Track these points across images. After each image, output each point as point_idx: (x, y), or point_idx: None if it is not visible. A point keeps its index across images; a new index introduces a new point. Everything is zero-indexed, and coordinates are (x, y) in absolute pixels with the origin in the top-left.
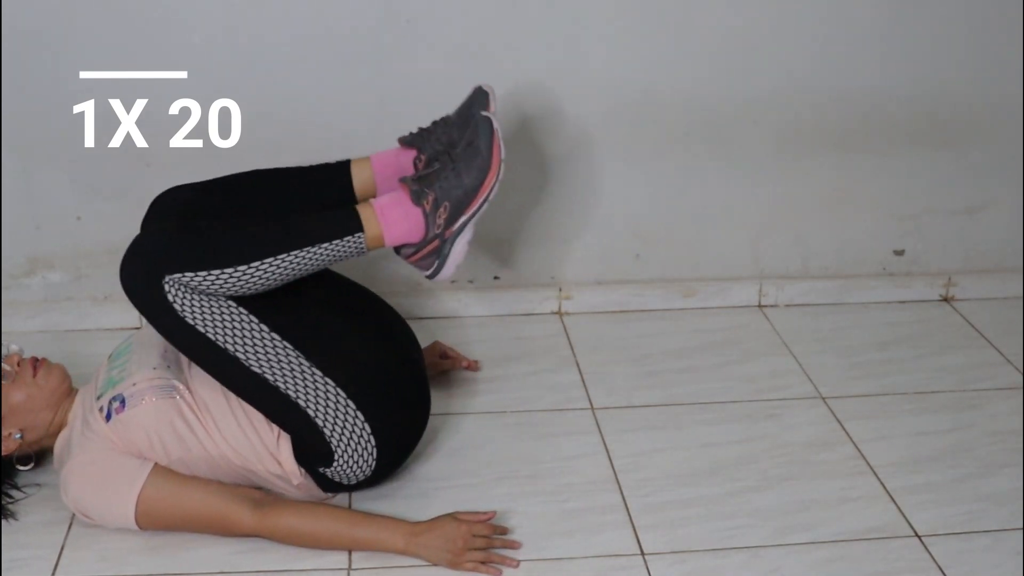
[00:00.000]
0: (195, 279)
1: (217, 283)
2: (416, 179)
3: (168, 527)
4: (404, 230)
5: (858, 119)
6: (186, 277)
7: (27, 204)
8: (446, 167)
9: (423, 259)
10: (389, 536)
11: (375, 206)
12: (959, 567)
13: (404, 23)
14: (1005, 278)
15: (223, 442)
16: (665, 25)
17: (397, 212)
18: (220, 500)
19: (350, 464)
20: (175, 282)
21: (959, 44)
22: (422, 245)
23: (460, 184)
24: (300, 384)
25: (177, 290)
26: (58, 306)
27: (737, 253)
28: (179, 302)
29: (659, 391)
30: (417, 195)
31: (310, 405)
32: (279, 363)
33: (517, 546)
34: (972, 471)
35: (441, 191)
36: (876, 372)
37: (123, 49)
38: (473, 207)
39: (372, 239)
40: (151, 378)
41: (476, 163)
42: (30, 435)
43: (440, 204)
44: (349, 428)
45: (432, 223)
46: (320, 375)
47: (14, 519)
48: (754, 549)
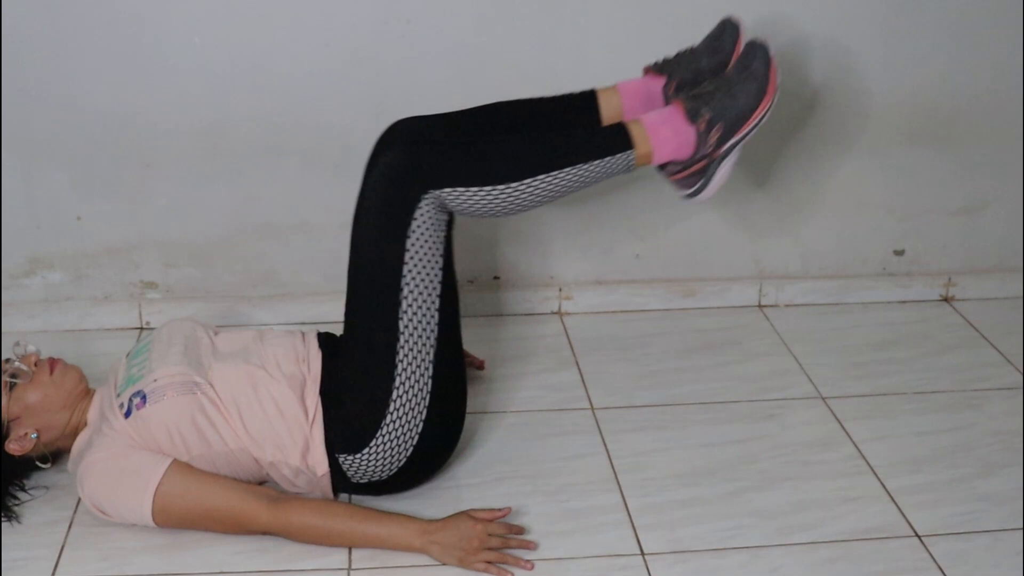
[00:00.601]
0: (462, 196)
1: (484, 200)
2: (692, 96)
3: (184, 523)
4: (674, 147)
5: (858, 119)
6: (454, 192)
7: (27, 204)
8: (721, 87)
9: (688, 178)
10: (404, 533)
11: (645, 123)
12: (959, 567)
13: (404, 23)
14: (1005, 278)
15: (245, 435)
16: (665, 25)
17: (667, 129)
18: (236, 496)
19: (382, 452)
20: (435, 199)
21: (959, 44)
22: (689, 163)
23: (735, 105)
24: (411, 360)
25: (429, 209)
26: (58, 306)
27: (737, 253)
28: (418, 222)
29: (659, 391)
30: (692, 112)
31: (401, 381)
32: (418, 332)
33: (533, 547)
34: (972, 471)
35: (717, 111)
36: (876, 372)
37: (123, 49)
38: (745, 129)
39: (642, 156)
40: (172, 374)
41: (752, 86)
42: (46, 435)
43: (715, 123)
44: (405, 421)
45: (704, 142)
46: (429, 363)
47: (17, 522)
48: (754, 549)
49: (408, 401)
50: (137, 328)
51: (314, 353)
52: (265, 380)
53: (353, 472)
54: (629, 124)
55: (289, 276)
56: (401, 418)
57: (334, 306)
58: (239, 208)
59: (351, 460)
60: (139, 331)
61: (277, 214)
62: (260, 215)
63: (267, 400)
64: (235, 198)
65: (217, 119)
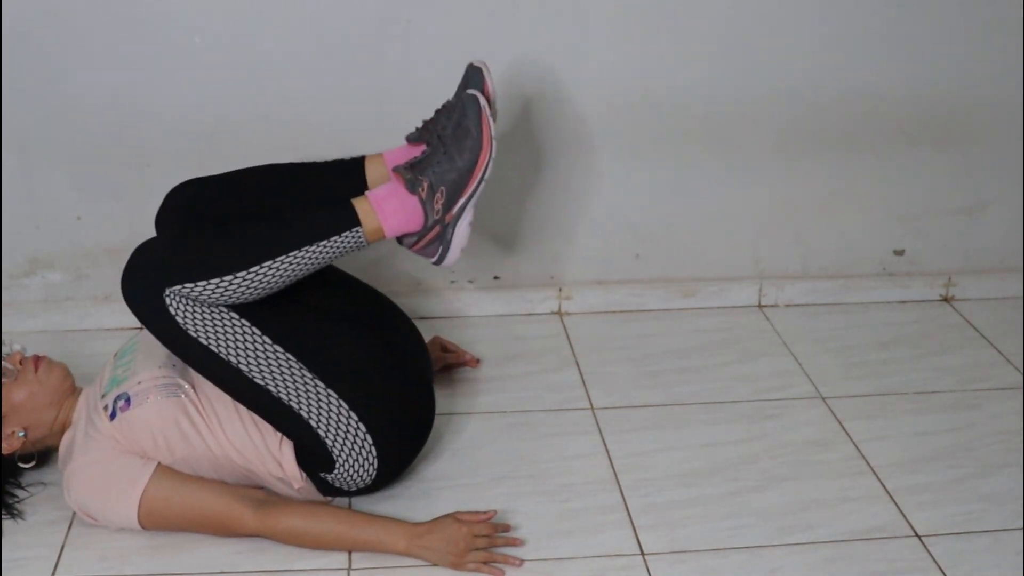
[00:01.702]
0: (195, 289)
1: (217, 292)
2: (409, 167)
3: (171, 527)
4: (402, 220)
5: (858, 119)
6: (186, 288)
7: (27, 204)
8: (437, 151)
9: (427, 247)
10: (391, 537)
11: (371, 198)
12: (959, 567)
13: (404, 23)
14: (1005, 278)
15: (227, 442)
16: (665, 25)
17: (393, 202)
18: (223, 500)
19: (351, 472)
20: (175, 294)
21: (959, 44)
22: (424, 233)
23: (453, 167)
24: (302, 395)
25: (179, 302)
26: (58, 306)
27: (737, 253)
28: (181, 314)
29: (659, 391)
30: (412, 183)
31: (312, 416)
32: (281, 375)
33: (520, 544)
34: (972, 471)
35: (435, 176)
36: (876, 372)
37: (123, 49)
38: (469, 188)
39: (371, 232)
40: (156, 377)
41: (467, 144)
42: (33, 433)
43: (436, 189)
44: (351, 438)
45: (430, 210)
46: (323, 386)
47: (21, 519)
48: (754, 549)
49: (334, 422)
50: (137, 328)
51: None
52: None
53: (341, 484)
54: (356, 200)
55: None
56: (342, 436)
57: None
58: None
59: (332, 477)
60: (139, 331)
61: None
62: None
63: (243, 411)
64: None
65: (217, 119)
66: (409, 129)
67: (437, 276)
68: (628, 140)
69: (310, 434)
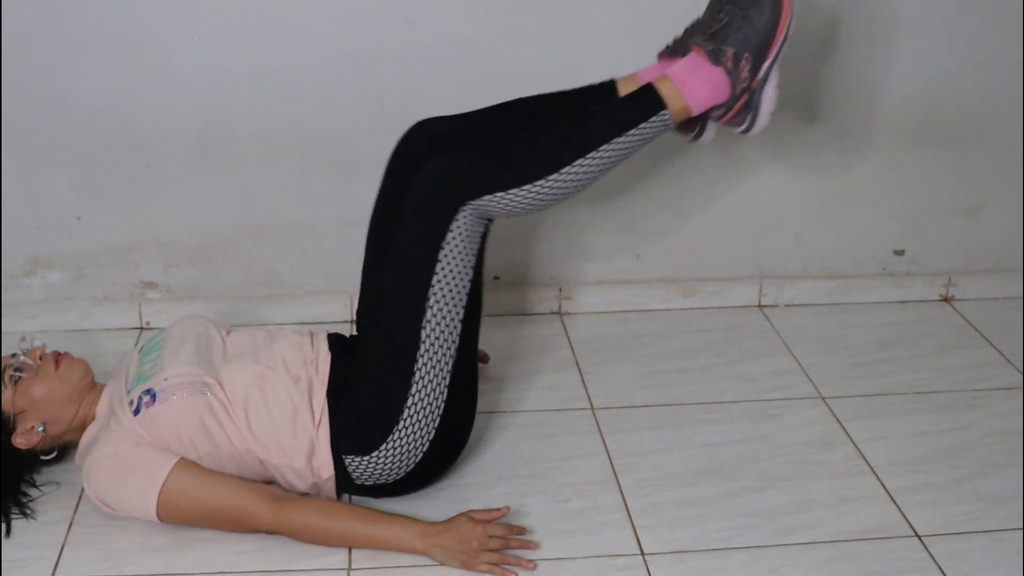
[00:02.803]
0: (504, 199)
1: (527, 198)
2: (708, 37)
3: (187, 521)
4: (709, 93)
5: (858, 119)
6: (495, 198)
7: (27, 204)
8: (735, 17)
9: (735, 116)
10: (405, 535)
11: (673, 77)
12: (959, 567)
13: (404, 23)
14: (1005, 278)
15: (251, 437)
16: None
17: (698, 78)
18: (240, 495)
19: (390, 458)
20: (475, 209)
21: (959, 44)
22: (732, 103)
23: (755, 29)
24: (430, 368)
25: (466, 220)
26: (58, 306)
27: (737, 253)
28: (456, 232)
29: (659, 391)
30: (715, 54)
31: (417, 388)
32: (439, 343)
33: (534, 547)
34: (972, 471)
35: (738, 42)
36: (876, 372)
37: (123, 49)
38: (774, 48)
39: (678, 111)
40: (182, 374)
41: (765, 3)
42: (53, 429)
43: (741, 56)
44: (419, 425)
45: (737, 78)
46: (447, 373)
47: (32, 518)
48: (754, 549)
49: (423, 408)
50: (137, 328)
51: (323, 354)
52: (273, 381)
53: (360, 474)
54: (657, 83)
55: (289, 276)
56: (414, 424)
57: (334, 306)
58: (239, 208)
59: (359, 461)
60: (139, 331)
61: (277, 214)
62: (260, 215)
63: (274, 402)
64: (235, 198)
65: (217, 119)
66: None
67: None
68: None
69: (395, 400)
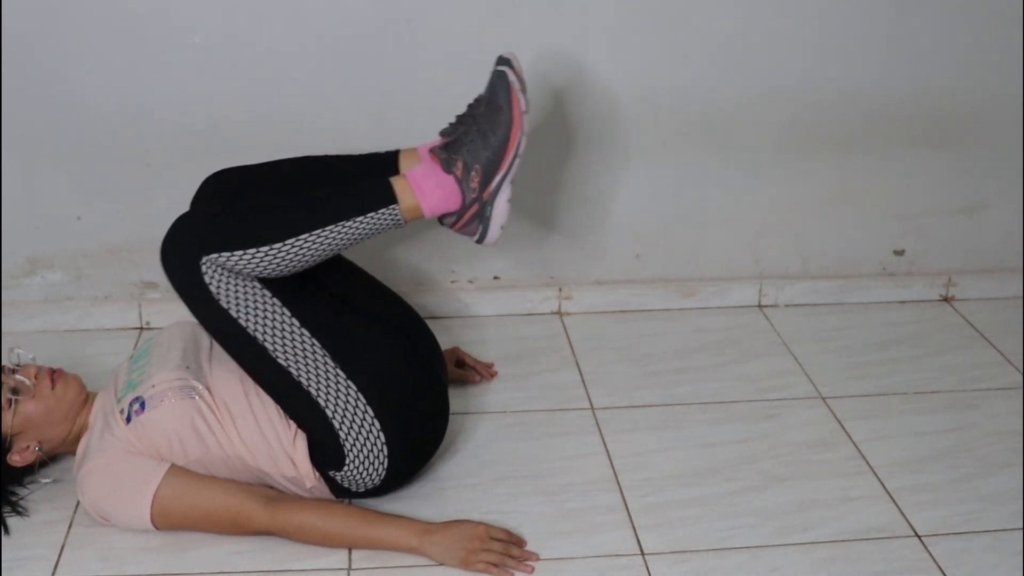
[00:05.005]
0: (231, 259)
1: (253, 262)
2: (443, 147)
3: (183, 526)
4: (440, 198)
5: (858, 119)
6: (222, 257)
7: (27, 204)
8: (470, 130)
9: (467, 225)
10: (402, 534)
11: (408, 177)
12: (959, 567)
13: (404, 23)
14: (1005, 278)
15: (240, 443)
16: (665, 25)
17: (431, 181)
18: (234, 498)
19: (360, 471)
20: (212, 263)
21: (959, 44)
22: (463, 212)
23: (487, 144)
24: (322, 382)
25: (214, 271)
26: (58, 306)
27: (737, 253)
28: (215, 284)
29: (659, 391)
30: (446, 163)
31: (328, 405)
32: (305, 360)
33: (535, 558)
34: (972, 471)
35: (469, 154)
36: (876, 372)
37: (123, 49)
38: (504, 165)
39: (408, 210)
40: (170, 379)
41: (499, 120)
42: (48, 446)
43: (471, 168)
44: (364, 435)
45: (467, 188)
46: (343, 376)
47: (26, 515)
48: (754, 549)
49: (350, 415)
50: (137, 328)
51: None
52: (256, 389)
53: (349, 484)
54: (395, 179)
55: None
56: (356, 431)
57: None
58: None
59: (340, 475)
60: (139, 331)
61: None
62: None
63: (259, 409)
64: None
65: (217, 119)
66: (410, 130)
67: (438, 276)
68: (628, 140)
69: (324, 425)
